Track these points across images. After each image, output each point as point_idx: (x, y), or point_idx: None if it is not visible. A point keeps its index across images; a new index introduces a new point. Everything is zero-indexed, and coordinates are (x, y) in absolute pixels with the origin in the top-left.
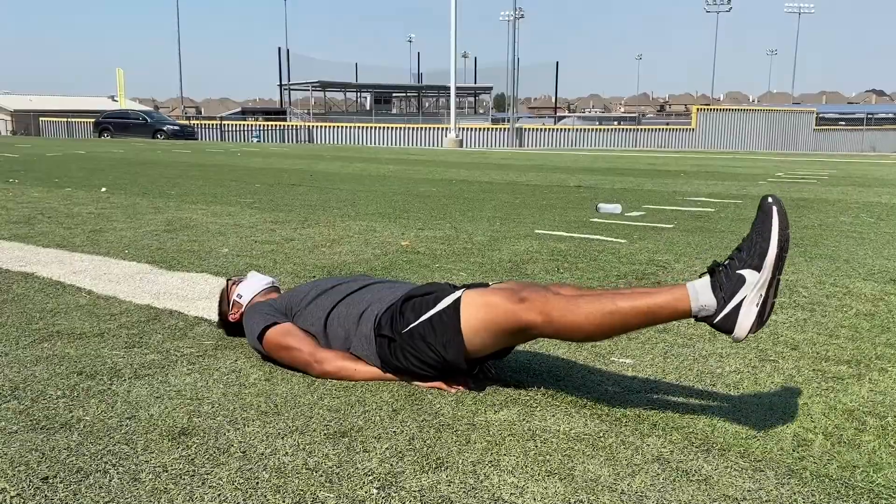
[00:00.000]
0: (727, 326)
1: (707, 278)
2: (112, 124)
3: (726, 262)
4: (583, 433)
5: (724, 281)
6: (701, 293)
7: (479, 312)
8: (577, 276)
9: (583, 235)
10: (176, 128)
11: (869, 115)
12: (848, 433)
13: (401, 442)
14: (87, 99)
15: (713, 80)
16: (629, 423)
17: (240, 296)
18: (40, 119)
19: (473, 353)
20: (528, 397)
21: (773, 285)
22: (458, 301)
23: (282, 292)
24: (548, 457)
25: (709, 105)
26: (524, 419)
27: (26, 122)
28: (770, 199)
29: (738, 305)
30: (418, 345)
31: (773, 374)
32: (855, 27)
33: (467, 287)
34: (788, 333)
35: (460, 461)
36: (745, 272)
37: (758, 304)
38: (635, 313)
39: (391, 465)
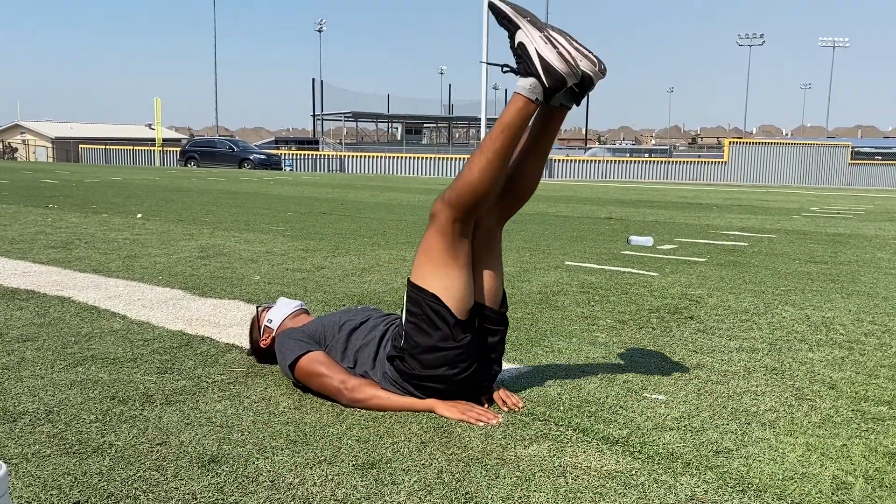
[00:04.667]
0: (555, 76)
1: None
2: (199, 153)
3: (514, 58)
4: (614, 470)
5: (521, 60)
6: (521, 82)
7: (425, 264)
8: (609, 308)
9: (614, 268)
10: (262, 157)
11: None
12: (890, 476)
13: (429, 475)
14: (125, 127)
15: (746, 113)
16: (662, 461)
17: (270, 321)
18: (80, 146)
19: (455, 293)
20: (558, 432)
21: (542, 27)
22: (408, 282)
23: (312, 317)
24: (579, 494)
25: (741, 138)
26: (554, 455)
27: (66, 148)
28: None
29: (540, 57)
30: (418, 338)
31: (811, 414)
32: (891, 61)
33: None
34: (826, 372)
35: (489, 496)
36: (517, 38)
37: (546, 42)
38: (495, 136)
39: (419, 498)
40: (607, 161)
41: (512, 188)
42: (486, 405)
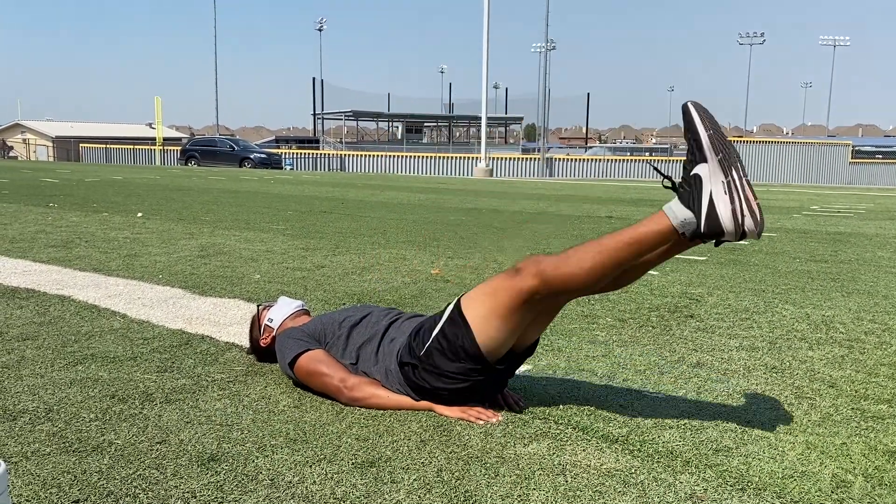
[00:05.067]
0: (716, 227)
1: (676, 197)
2: (199, 152)
3: (682, 177)
4: (614, 469)
5: (688, 189)
6: (676, 209)
7: (483, 303)
8: (609, 307)
9: None
10: (262, 156)
11: None
12: (889, 475)
13: (429, 473)
14: (126, 126)
15: (746, 113)
16: (661, 460)
17: (270, 320)
18: (80, 145)
19: (493, 344)
20: (558, 431)
21: (728, 168)
22: (458, 303)
23: (312, 317)
24: (578, 493)
25: (742, 137)
26: (554, 453)
27: (67, 147)
28: (686, 102)
29: (711, 202)
30: (438, 359)
31: (811, 412)
32: (891, 59)
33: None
34: (826, 370)
35: (489, 495)
36: (697, 170)
37: (726, 192)
38: (621, 246)
39: (419, 496)
40: (608, 160)
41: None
42: (485, 403)
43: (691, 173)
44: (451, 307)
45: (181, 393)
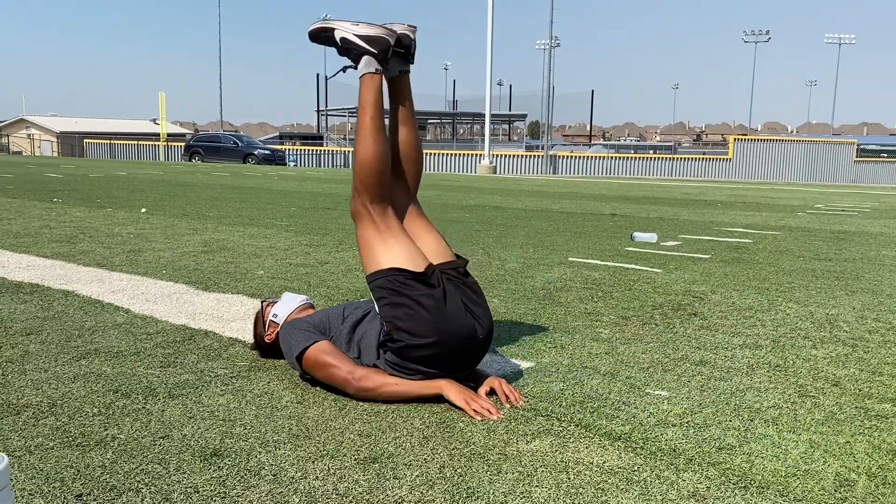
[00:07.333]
0: (379, 42)
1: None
2: (203, 147)
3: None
4: (616, 466)
5: (350, 52)
6: (360, 66)
7: (367, 252)
8: (612, 304)
9: (617, 264)
10: (266, 152)
11: None
12: (893, 474)
13: (431, 470)
14: (130, 122)
15: (751, 110)
16: (664, 458)
17: (275, 315)
18: (85, 141)
19: (404, 255)
20: (560, 428)
21: (344, 20)
22: (366, 279)
23: (317, 310)
24: (580, 490)
25: (746, 135)
26: (557, 450)
27: (71, 143)
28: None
29: (358, 36)
30: (395, 311)
31: (814, 411)
32: None
33: None
34: (829, 369)
35: (491, 491)
36: (336, 37)
37: (355, 24)
38: (360, 115)
39: (421, 493)
40: (612, 157)
41: (398, 159)
42: (487, 388)
43: (340, 44)
44: (370, 290)
45: (184, 388)
